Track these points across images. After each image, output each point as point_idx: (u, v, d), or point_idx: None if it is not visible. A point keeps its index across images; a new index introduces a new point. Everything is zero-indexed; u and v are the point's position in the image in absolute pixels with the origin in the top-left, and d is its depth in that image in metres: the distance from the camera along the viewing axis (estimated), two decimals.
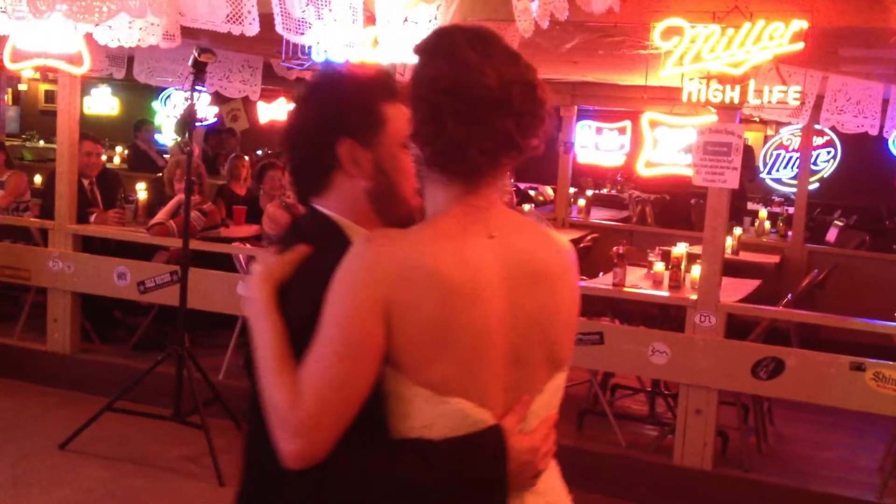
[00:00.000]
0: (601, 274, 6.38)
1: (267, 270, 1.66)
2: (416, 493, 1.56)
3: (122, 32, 5.15)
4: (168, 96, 12.67)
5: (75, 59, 6.03)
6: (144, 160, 11.52)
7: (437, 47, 1.63)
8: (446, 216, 1.63)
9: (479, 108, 1.57)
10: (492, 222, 1.65)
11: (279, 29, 4.61)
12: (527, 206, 9.94)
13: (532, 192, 11.82)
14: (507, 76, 1.59)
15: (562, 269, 1.73)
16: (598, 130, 11.40)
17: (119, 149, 13.93)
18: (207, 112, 11.08)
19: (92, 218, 6.89)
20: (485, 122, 1.57)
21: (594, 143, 11.42)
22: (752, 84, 4.95)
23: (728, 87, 4.96)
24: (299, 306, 1.61)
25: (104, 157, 7.92)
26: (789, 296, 6.39)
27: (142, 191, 7.48)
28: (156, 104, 13.62)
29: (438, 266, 1.56)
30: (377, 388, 1.58)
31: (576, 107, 10.37)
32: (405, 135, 1.67)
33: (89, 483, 4.86)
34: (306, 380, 1.53)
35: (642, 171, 9.47)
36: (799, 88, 5.08)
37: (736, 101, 4.95)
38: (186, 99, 5.25)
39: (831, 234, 10.40)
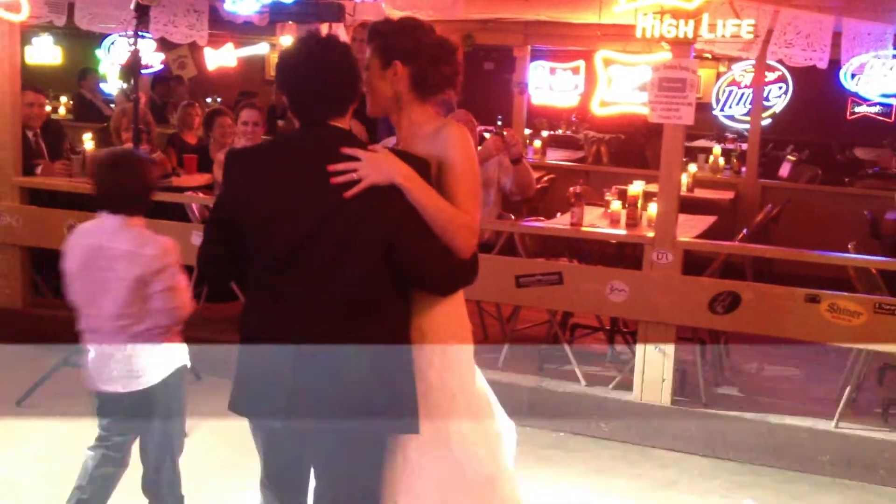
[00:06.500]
0: (558, 214, 6.37)
1: (393, 157, 2.55)
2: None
3: None
4: (112, 43, 12.32)
5: (13, 7, 5.89)
6: (90, 109, 11.23)
7: (421, 28, 2.77)
8: (442, 117, 2.85)
9: (451, 57, 2.80)
10: None
11: None
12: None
13: (487, 135, 11.70)
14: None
15: None
16: (552, 71, 11.28)
17: (64, 99, 13.56)
18: (153, 59, 10.75)
19: (38, 170, 6.69)
20: (453, 64, 2.81)
21: (548, 84, 11.31)
22: (705, 18, 4.92)
23: (682, 21, 4.92)
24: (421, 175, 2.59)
25: (48, 108, 7.70)
26: (744, 231, 6.45)
27: (88, 141, 7.28)
28: (100, 52, 13.25)
29: None
30: None
31: (529, 47, 10.26)
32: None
33: (51, 438, 4.80)
34: (471, 205, 2.66)
35: (597, 110, 9.47)
36: (753, 22, 5.04)
37: (689, 35, 4.92)
38: (130, 45, 5.10)
39: (784, 169, 10.50)
